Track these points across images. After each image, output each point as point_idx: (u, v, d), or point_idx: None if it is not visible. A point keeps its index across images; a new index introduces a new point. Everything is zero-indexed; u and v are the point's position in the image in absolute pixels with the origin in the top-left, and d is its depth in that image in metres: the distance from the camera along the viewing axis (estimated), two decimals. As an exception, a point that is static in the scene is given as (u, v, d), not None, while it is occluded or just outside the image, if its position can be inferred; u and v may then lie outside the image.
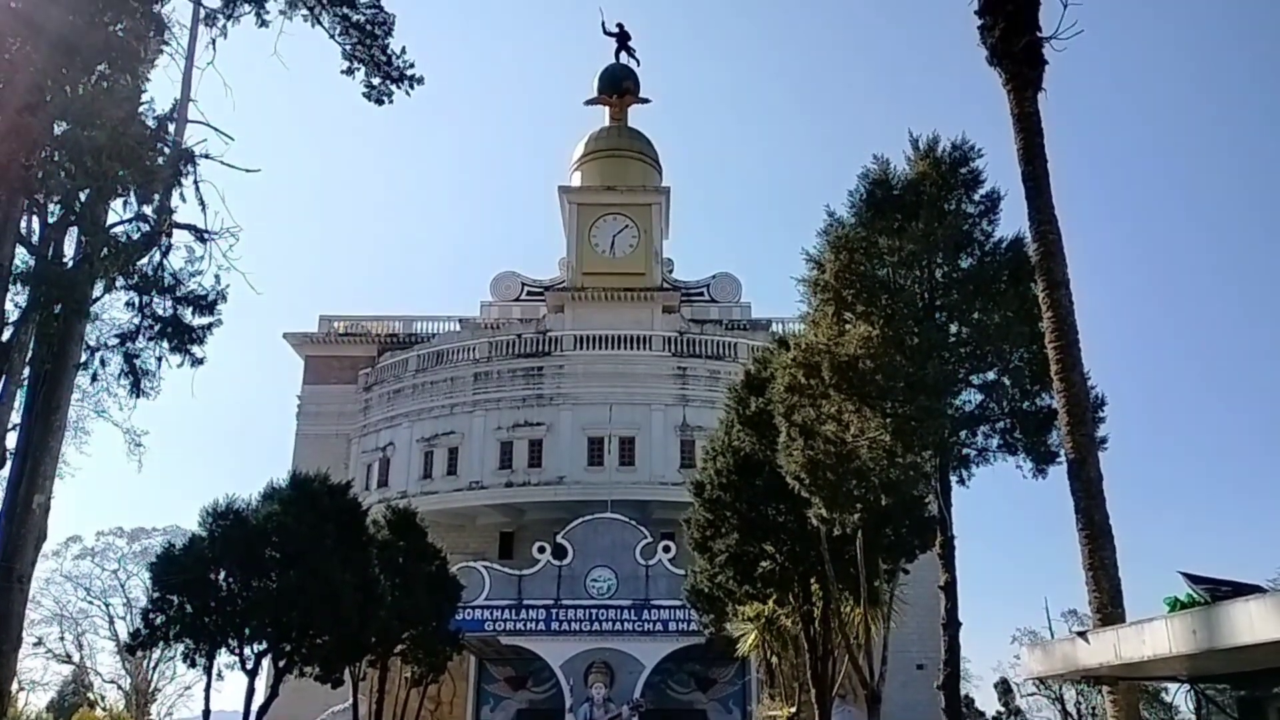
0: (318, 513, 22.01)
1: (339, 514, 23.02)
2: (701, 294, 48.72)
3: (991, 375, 14.68)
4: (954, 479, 14.64)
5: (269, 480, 23.24)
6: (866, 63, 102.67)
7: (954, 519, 14.56)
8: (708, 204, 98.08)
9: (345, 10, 19.04)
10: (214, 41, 18.25)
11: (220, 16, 18.48)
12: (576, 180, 49.52)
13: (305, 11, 18.92)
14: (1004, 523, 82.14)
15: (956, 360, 14.36)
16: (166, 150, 16.15)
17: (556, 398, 41.77)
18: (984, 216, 14.95)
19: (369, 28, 19.08)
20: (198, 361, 16.63)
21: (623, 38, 51.40)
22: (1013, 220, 15.44)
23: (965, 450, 14.60)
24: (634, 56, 51.79)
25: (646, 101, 51.99)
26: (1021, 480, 14.43)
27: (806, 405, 14.67)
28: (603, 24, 51.31)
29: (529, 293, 48.51)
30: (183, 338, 16.45)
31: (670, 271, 49.28)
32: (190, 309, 16.61)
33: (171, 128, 16.68)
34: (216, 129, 16.71)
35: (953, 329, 14.70)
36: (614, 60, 51.68)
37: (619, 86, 50.87)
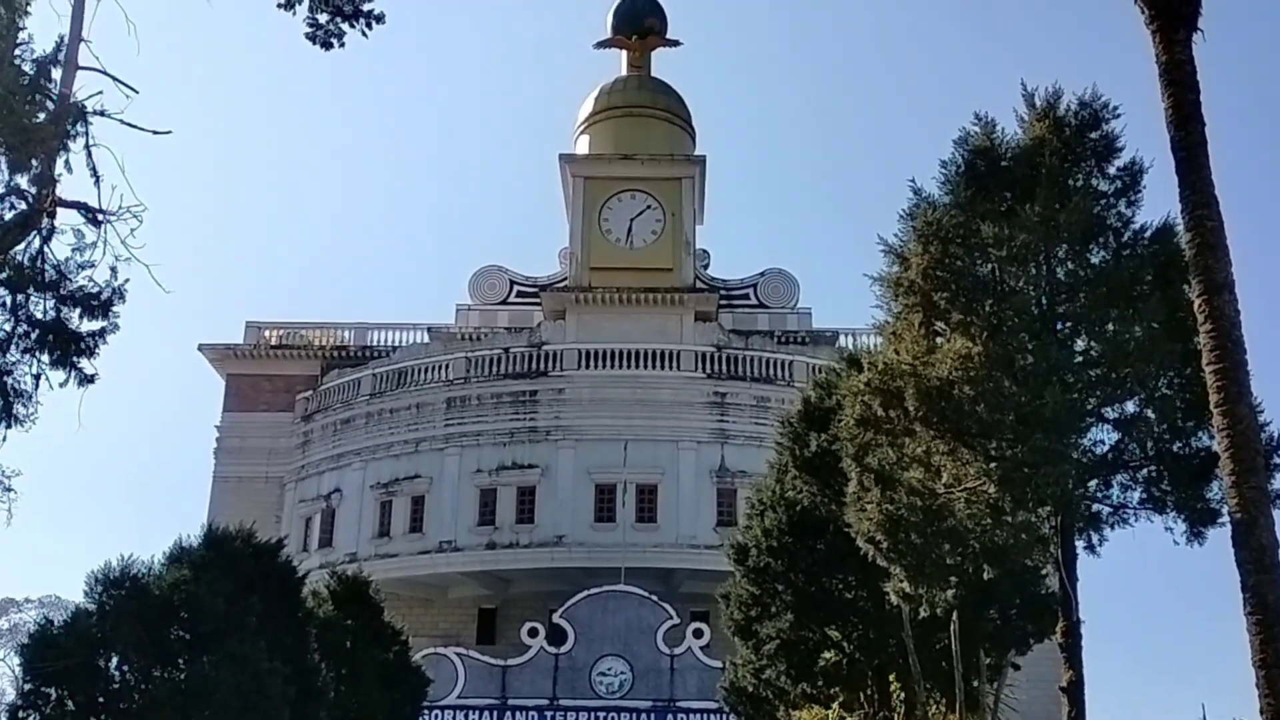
0: (239, 581, 22.04)
1: (267, 582, 23.04)
2: (746, 296, 48.78)
3: (1131, 407, 14.59)
4: (1080, 544, 14.53)
5: (177, 537, 23.30)
6: (969, 2, 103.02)
7: (1080, 598, 14.45)
8: (755, 180, 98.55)
9: (283, -76, 19.21)
10: (114, -36, 18.44)
11: (122, -69, 18.69)
12: (583, 146, 49.73)
13: (232, -74, 19.16)
14: (1147, 604, 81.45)
15: (1084, 387, 14.27)
16: (49, 104, 16.31)
17: (554, 431, 41.82)
18: (1121, 196, 14.88)
19: (314, -53, 19.22)
20: (87, 379, 16.74)
21: (646, -40, 51.81)
22: (1159, 202, 15.36)
23: (1095, 506, 14.50)
24: (660, -15, 52.13)
25: (676, 44, 52.28)
26: (1171, 547, 14.31)
27: (884, 444, 14.62)
28: (620, -58, 51.70)
29: (520, 293, 48.70)
30: (68, 348, 16.57)
31: (705, 266, 49.36)
32: (78, 311, 16.74)
33: (57, 75, 16.84)
34: (115, 78, 16.84)
35: (1079, 345, 14.63)
36: (634, -10, 52.01)
37: (640, 24, 51.15)
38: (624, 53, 51.76)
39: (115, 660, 20.91)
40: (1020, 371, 13.78)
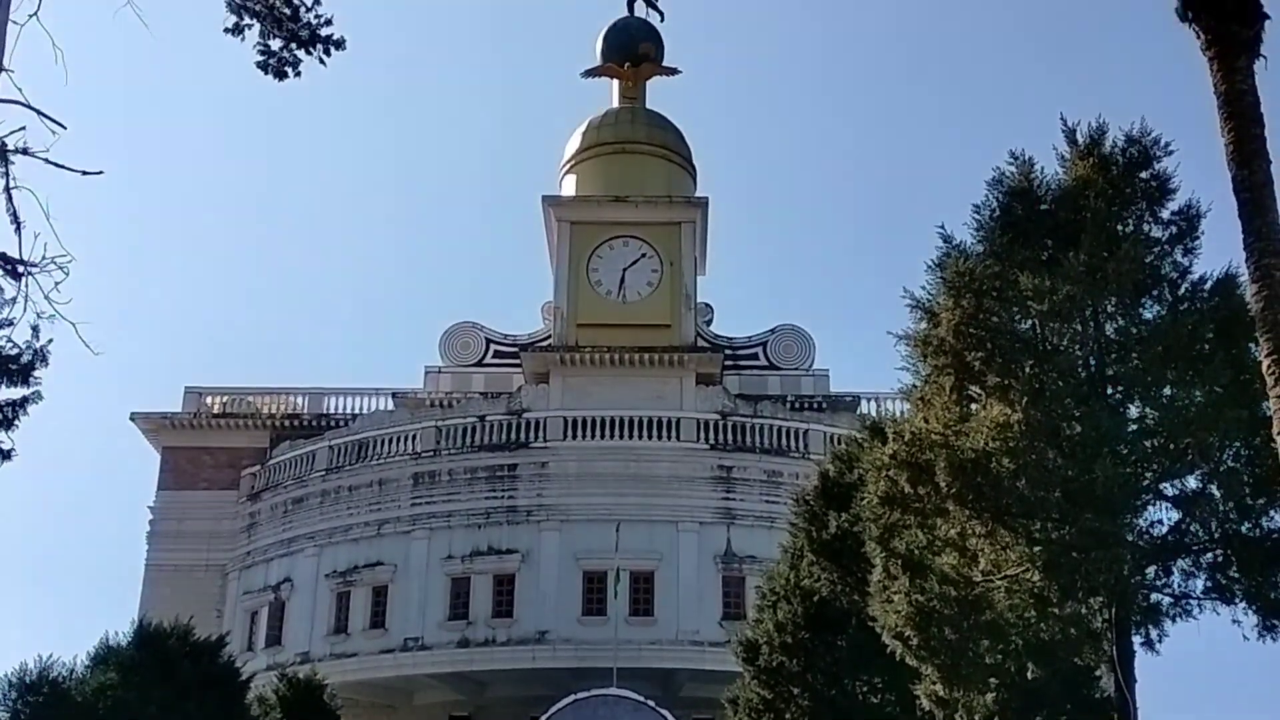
0: (175, 685, 21.96)
1: (206, 687, 22.95)
2: (754, 357, 48.88)
3: (1193, 482, 14.63)
4: (1137, 640, 14.52)
5: (103, 635, 23.24)
6: (1001, 22, 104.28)
7: (1139, 702, 14.38)
8: (764, 226, 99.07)
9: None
10: (40, -15, 18.69)
11: (50, -52, 18.98)
12: (569, 187, 50.05)
13: (174, -57, 19.46)
14: (1215, 708, 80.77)
15: (1139, 459, 14.31)
16: (-35, 142, 16.45)
17: (537, 511, 41.70)
18: (1177, 243, 15.04)
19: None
20: (4, 455, 16.73)
21: (642, -19, 52.51)
22: (1220, 250, 15.50)
23: (1154, 596, 14.49)
24: (656, 7, 52.76)
25: (674, 73, 52.78)
26: (1241, 642, 14.28)
27: (913, 526, 14.63)
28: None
29: (497, 354, 48.78)
30: (-19, 419, 16.55)
31: (708, 323, 49.50)
32: (-6, 376, 16.75)
33: (-27, 109, 17.02)
34: (40, 112, 16.96)
35: (1133, 412, 14.69)
36: (627, 13, 52.63)
37: (634, 50, 51.70)
38: (615, 82, 52.19)
39: (31, 778, 20.74)
40: (1066, 442, 13.82)
